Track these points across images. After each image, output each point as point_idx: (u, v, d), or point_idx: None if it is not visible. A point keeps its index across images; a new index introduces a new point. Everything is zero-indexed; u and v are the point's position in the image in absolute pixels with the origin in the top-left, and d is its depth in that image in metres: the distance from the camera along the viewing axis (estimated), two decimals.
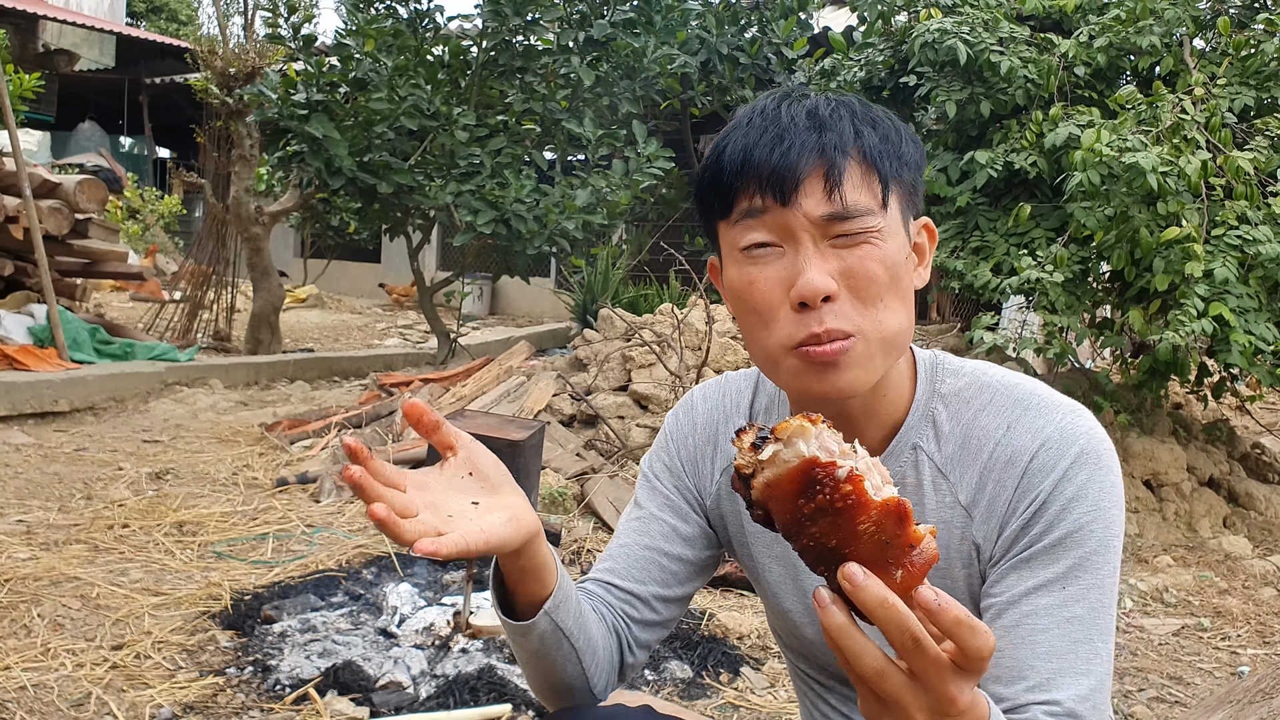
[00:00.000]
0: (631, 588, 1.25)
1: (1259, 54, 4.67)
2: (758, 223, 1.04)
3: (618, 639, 1.24)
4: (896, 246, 1.05)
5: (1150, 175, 3.82)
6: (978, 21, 4.96)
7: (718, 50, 7.87)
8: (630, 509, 1.33)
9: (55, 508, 4.20)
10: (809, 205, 1.02)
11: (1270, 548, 4.40)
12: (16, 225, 7.09)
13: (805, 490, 0.78)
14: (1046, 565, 1.04)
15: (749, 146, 1.04)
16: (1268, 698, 2.04)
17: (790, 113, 1.05)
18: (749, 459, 0.82)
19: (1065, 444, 1.07)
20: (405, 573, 3.57)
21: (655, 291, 8.49)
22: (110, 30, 16.61)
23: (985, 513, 1.10)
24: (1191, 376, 4.38)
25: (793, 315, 1.03)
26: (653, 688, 2.81)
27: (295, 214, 8.96)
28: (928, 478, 1.13)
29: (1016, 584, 1.05)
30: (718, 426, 1.30)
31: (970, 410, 1.13)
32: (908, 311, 1.07)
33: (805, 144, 1.02)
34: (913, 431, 1.14)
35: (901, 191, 1.07)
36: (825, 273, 1.02)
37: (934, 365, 1.18)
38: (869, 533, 0.75)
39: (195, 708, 2.57)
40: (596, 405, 5.34)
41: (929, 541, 0.76)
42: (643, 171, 6.77)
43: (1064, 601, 1.03)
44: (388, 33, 6.75)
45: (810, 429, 0.79)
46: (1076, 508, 1.05)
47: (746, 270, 1.06)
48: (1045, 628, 1.02)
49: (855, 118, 1.05)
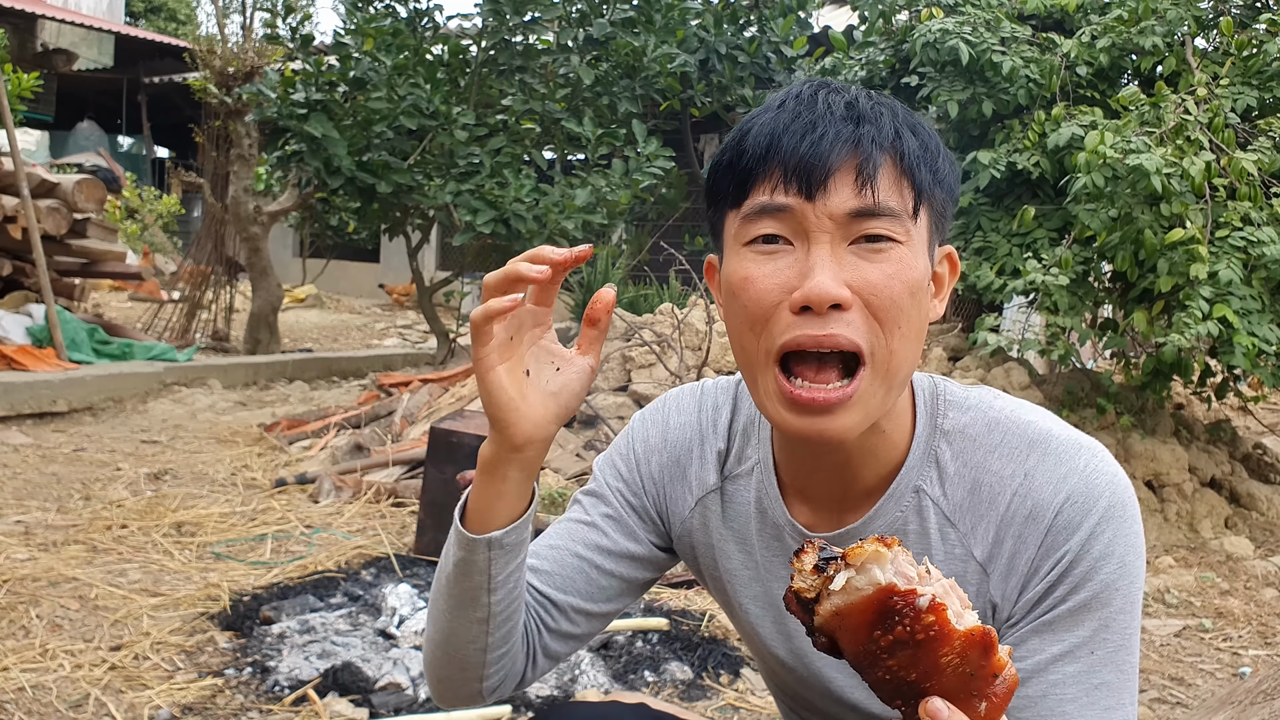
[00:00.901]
0: (552, 595, 1.16)
1: (1261, 54, 4.66)
2: (771, 210, 0.94)
3: (528, 643, 1.16)
4: (921, 267, 0.95)
5: (1154, 177, 3.81)
6: (979, 21, 4.95)
7: (716, 49, 7.86)
8: (573, 508, 1.22)
9: (53, 508, 4.19)
10: (836, 200, 0.92)
11: (1272, 548, 4.38)
12: (15, 225, 7.07)
13: (882, 621, 0.73)
14: (1070, 629, 0.97)
15: (777, 131, 0.94)
16: (1269, 699, 2.03)
17: (828, 101, 0.95)
18: (812, 583, 0.76)
19: (1091, 498, 0.98)
20: (404, 573, 3.55)
21: (655, 291, 8.48)
22: (109, 30, 16.59)
23: (1005, 570, 1.01)
24: (1195, 378, 4.36)
25: (789, 317, 0.93)
26: (653, 689, 2.80)
27: (294, 214, 8.94)
28: (934, 525, 1.04)
29: (1039, 649, 0.98)
30: (690, 448, 1.19)
31: (979, 452, 1.03)
32: (919, 344, 0.97)
33: (840, 134, 0.92)
34: (914, 472, 1.04)
35: (932, 210, 0.98)
36: (839, 280, 0.91)
37: (934, 396, 1.08)
38: (952, 665, 0.71)
39: (194, 709, 2.56)
40: (596, 405, 5.33)
41: (1010, 668, 0.72)
42: (642, 171, 6.76)
43: (1091, 668, 0.96)
44: (387, 32, 6.74)
45: (886, 554, 0.74)
46: (1104, 567, 0.97)
47: (746, 265, 0.95)
48: (1074, 697, 0.96)
49: (897, 117, 0.97)
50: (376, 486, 4.48)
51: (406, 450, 4.80)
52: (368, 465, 4.75)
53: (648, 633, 3.10)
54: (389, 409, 5.62)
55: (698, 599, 3.47)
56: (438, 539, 3.71)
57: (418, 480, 4.34)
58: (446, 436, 3.71)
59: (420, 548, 3.74)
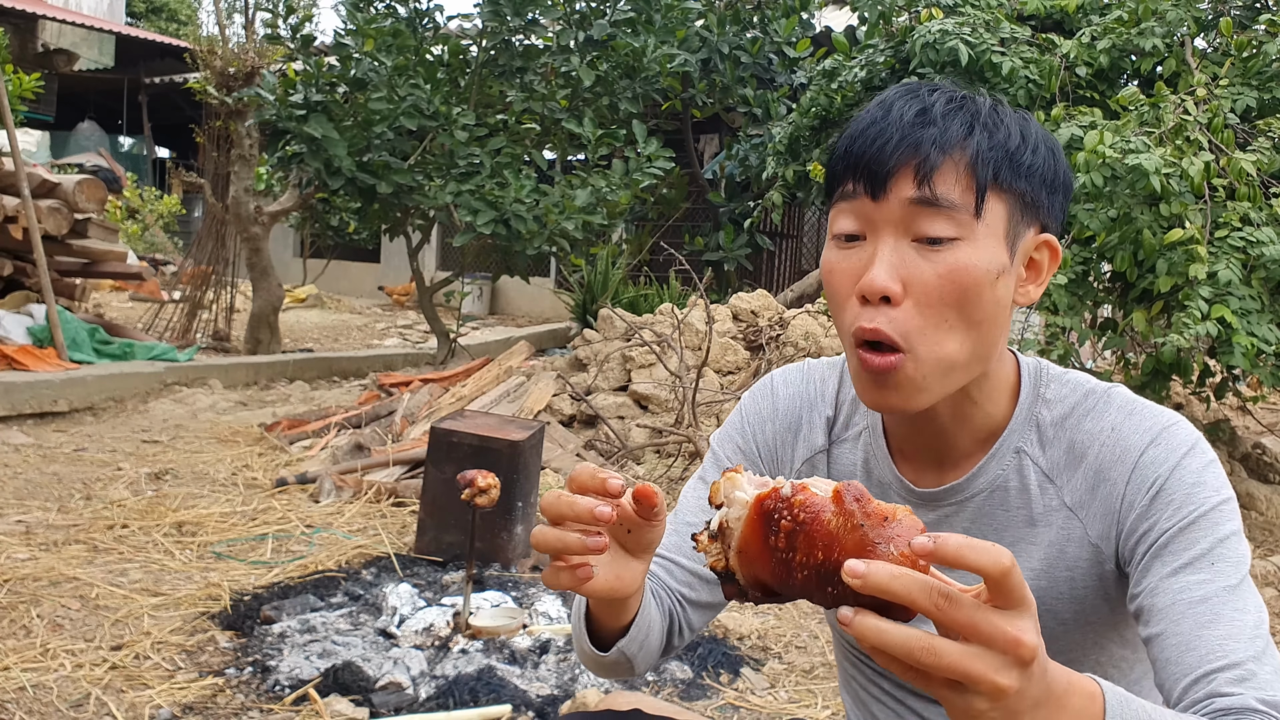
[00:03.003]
0: (695, 568, 1.24)
1: (1261, 54, 4.66)
2: (849, 208, 1.04)
3: (670, 624, 1.23)
4: (985, 260, 1.01)
5: (1153, 177, 3.81)
6: (979, 22, 4.95)
7: (719, 49, 7.86)
8: (694, 486, 1.30)
9: (54, 508, 4.19)
10: (895, 194, 1.01)
11: (1271, 548, 4.39)
12: (16, 225, 7.08)
13: (768, 528, 0.76)
14: (1186, 548, 1.01)
15: (854, 135, 1.05)
16: None
17: (903, 108, 1.03)
18: (715, 550, 0.80)
19: (1176, 438, 1.06)
20: (405, 573, 3.56)
21: (655, 291, 8.49)
22: (110, 30, 16.61)
23: (1100, 511, 1.08)
24: (1194, 378, 4.37)
25: (857, 305, 1.03)
26: (653, 688, 2.80)
27: (295, 214, 8.96)
28: (1033, 482, 1.12)
29: (1160, 570, 1.01)
30: (800, 414, 1.28)
31: (1075, 415, 1.12)
32: (983, 333, 1.04)
33: (905, 138, 1.01)
34: (1015, 435, 1.13)
35: (1011, 202, 1.03)
36: (893, 273, 1.00)
37: (1038, 371, 1.17)
38: (841, 525, 0.73)
39: (195, 708, 2.56)
40: (596, 405, 5.34)
41: (903, 512, 0.74)
42: (643, 171, 6.77)
43: (1214, 576, 0.99)
44: (387, 32, 6.74)
45: (738, 477, 0.78)
46: (1201, 494, 1.03)
47: (832, 256, 1.07)
48: (1202, 598, 0.97)
49: (974, 119, 1.03)
50: (377, 486, 4.49)
51: (407, 450, 4.80)
52: (368, 465, 4.75)
53: None
54: (389, 409, 5.63)
55: None
56: (438, 538, 3.72)
57: (418, 480, 4.34)
58: (447, 436, 3.71)
59: (421, 547, 3.75)
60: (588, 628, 1.15)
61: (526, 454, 3.69)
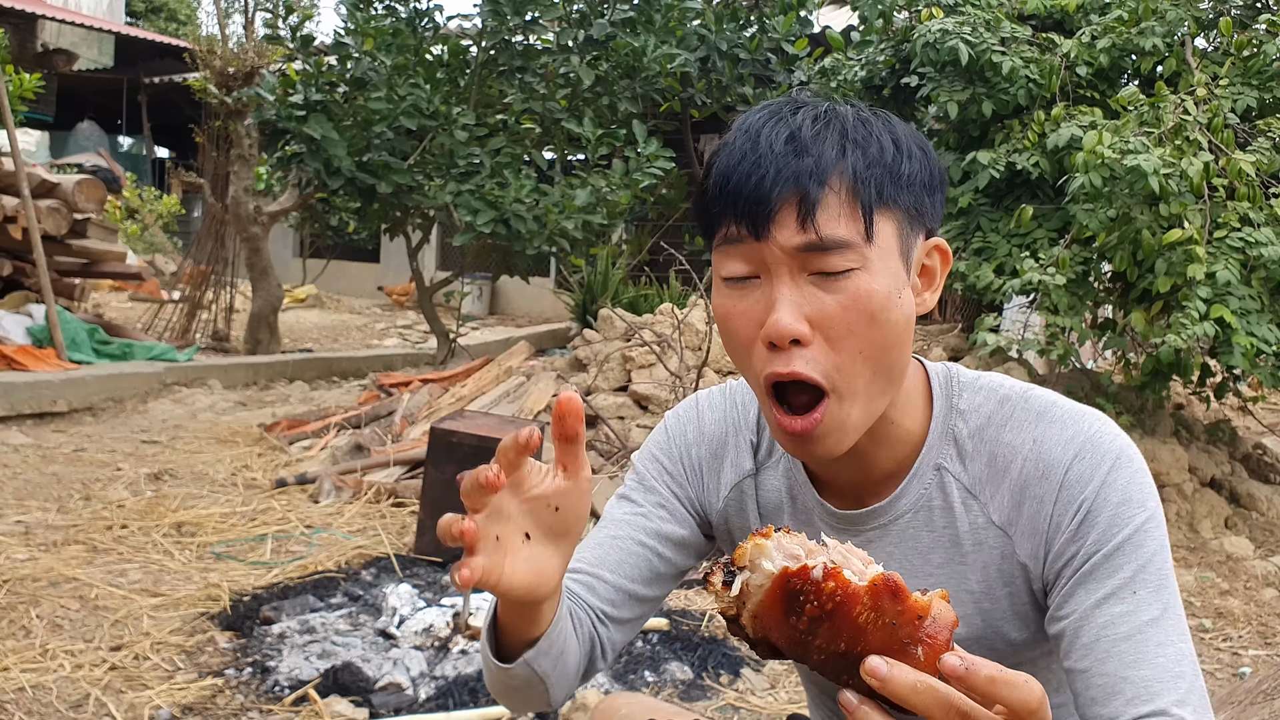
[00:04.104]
0: (619, 583, 1.19)
1: (1261, 54, 4.66)
2: (736, 251, 1.00)
3: (590, 648, 1.17)
4: (885, 282, 0.98)
5: (1152, 178, 3.81)
6: (979, 21, 4.95)
7: (718, 47, 7.85)
8: (617, 503, 1.26)
9: (54, 508, 4.19)
10: (783, 237, 0.96)
11: (1272, 549, 4.38)
12: (15, 225, 7.08)
13: (790, 606, 0.73)
14: (1111, 574, 1.00)
15: (728, 172, 0.99)
16: (1269, 699, 2.03)
17: (771, 136, 0.98)
18: (728, 600, 0.77)
19: (1099, 451, 1.04)
20: (404, 574, 3.55)
21: (655, 291, 8.48)
22: (109, 30, 16.59)
23: (1028, 530, 1.06)
24: (1194, 378, 4.37)
25: (763, 350, 0.99)
26: (653, 689, 2.80)
27: (294, 214, 8.95)
28: (957, 499, 1.10)
29: (1085, 599, 1.01)
30: (726, 438, 1.25)
31: (992, 426, 1.09)
32: (896, 354, 1.01)
33: (780, 172, 0.96)
34: (934, 451, 1.10)
35: (898, 216, 1.00)
36: (797, 313, 0.97)
37: (948, 380, 1.13)
38: (871, 621, 0.71)
39: (194, 709, 2.56)
40: (596, 405, 5.33)
41: (939, 606, 0.72)
42: (643, 171, 6.76)
43: (1136, 607, 0.99)
44: (387, 32, 6.74)
45: (767, 544, 0.76)
46: (1127, 512, 1.01)
47: (725, 300, 1.02)
48: (1126, 635, 0.98)
49: (845, 137, 0.98)
50: (377, 486, 4.49)
51: (407, 450, 4.80)
52: (368, 465, 4.75)
53: (648, 632, 3.10)
54: (389, 409, 5.63)
55: (698, 599, 3.47)
56: (438, 539, 3.71)
57: (418, 480, 4.34)
58: (447, 436, 3.71)
59: (420, 548, 3.75)
60: (494, 644, 1.06)
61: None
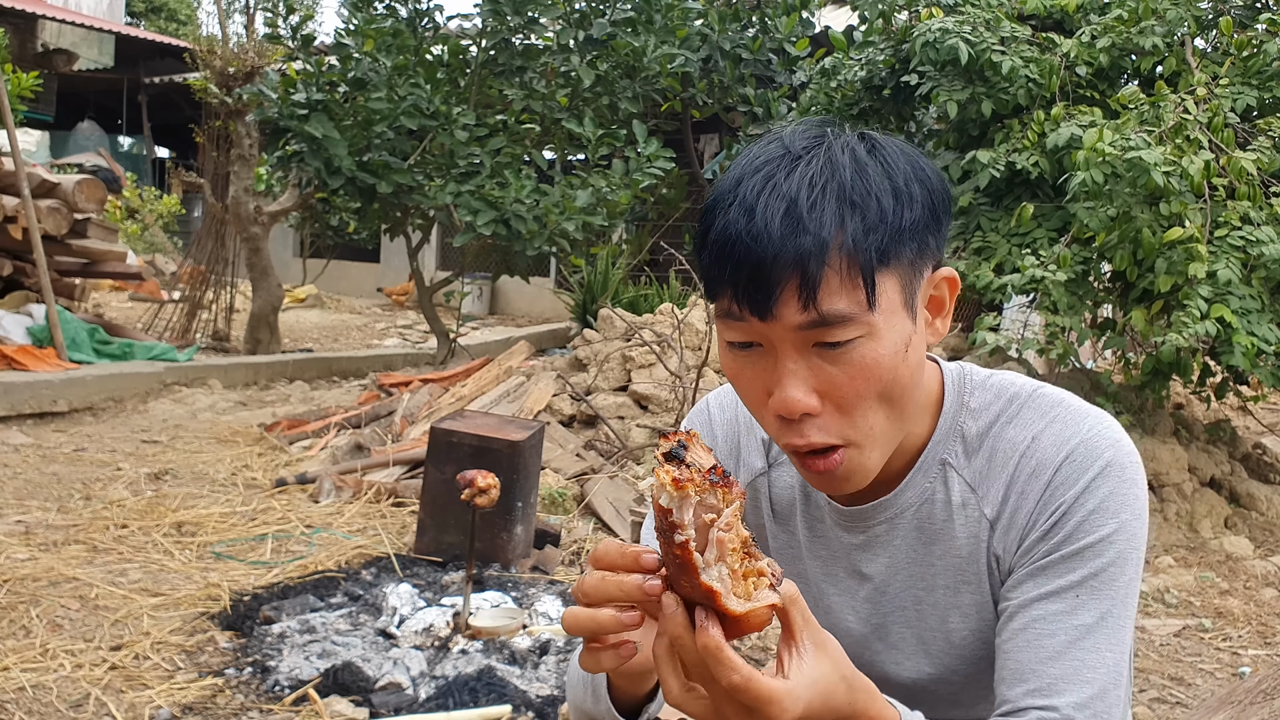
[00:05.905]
0: None
1: (1261, 54, 4.66)
2: (739, 326, 0.99)
3: None
4: (891, 342, 0.98)
5: (1155, 171, 3.81)
6: (979, 21, 4.95)
7: (720, 47, 7.85)
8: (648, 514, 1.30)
9: (54, 508, 4.19)
10: (786, 316, 0.95)
11: (1272, 548, 4.38)
12: (15, 225, 7.08)
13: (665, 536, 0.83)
14: (1061, 574, 1.04)
15: (725, 244, 0.97)
16: (1269, 698, 2.03)
17: (767, 211, 0.95)
18: (660, 475, 0.85)
19: (1090, 456, 1.05)
20: (405, 573, 3.55)
21: (655, 291, 8.47)
22: (109, 30, 16.59)
23: (1007, 524, 1.09)
24: (1194, 378, 4.37)
25: (776, 420, 1.01)
26: None
27: (294, 214, 8.95)
28: (957, 494, 1.12)
29: (1031, 590, 1.05)
30: (738, 438, 1.27)
31: (999, 423, 1.12)
32: (911, 390, 1.03)
33: (780, 255, 0.94)
34: (940, 446, 1.13)
35: (901, 269, 0.98)
36: (806, 388, 0.98)
37: (961, 379, 1.15)
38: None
39: (194, 709, 2.56)
40: (596, 405, 5.33)
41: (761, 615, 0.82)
42: (643, 171, 6.76)
43: (1073, 609, 1.02)
44: (387, 32, 6.74)
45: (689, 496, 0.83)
46: (1096, 520, 1.03)
47: (733, 362, 1.04)
48: (1051, 633, 1.02)
49: (842, 200, 0.95)
50: (377, 486, 4.49)
51: (407, 450, 4.80)
52: (368, 465, 4.75)
53: None
54: (389, 409, 5.63)
55: None
56: (438, 539, 3.71)
57: (418, 480, 4.34)
58: (447, 436, 3.71)
59: (420, 548, 3.75)
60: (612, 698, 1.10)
61: (526, 454, 3.68)
